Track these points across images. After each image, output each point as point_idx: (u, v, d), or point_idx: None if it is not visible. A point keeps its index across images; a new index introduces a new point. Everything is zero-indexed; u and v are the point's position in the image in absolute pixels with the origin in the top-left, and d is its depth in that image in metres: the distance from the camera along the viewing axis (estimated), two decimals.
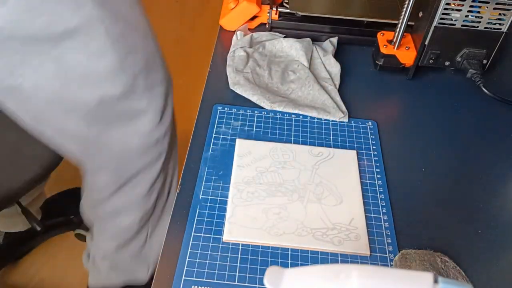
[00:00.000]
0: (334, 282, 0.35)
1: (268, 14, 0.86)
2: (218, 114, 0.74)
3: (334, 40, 0.88)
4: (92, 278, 1.10)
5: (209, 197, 0.62)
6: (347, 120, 0.74)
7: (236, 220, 0.59)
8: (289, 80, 0.80)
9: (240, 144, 0.69)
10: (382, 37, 0.83)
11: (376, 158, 0.69)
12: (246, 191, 0.63)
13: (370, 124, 0.74)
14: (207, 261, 0.55)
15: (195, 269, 0.55)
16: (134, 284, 1.03)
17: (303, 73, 0.80)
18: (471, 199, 0.65)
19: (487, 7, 0.75)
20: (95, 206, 0.94)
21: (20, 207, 1.21)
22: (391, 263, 0.57)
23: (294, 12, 0.86)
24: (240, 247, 0.57)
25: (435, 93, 0.82)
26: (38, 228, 1.20)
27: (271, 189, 0.63)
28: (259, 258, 0.56)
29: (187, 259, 0.55)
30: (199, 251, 0.56)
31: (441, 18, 0.76)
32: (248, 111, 0.75)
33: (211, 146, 0.69)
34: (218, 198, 0.62)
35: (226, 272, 0.55)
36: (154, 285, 0.53)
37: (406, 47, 0.81)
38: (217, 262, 0.55)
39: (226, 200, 0.62)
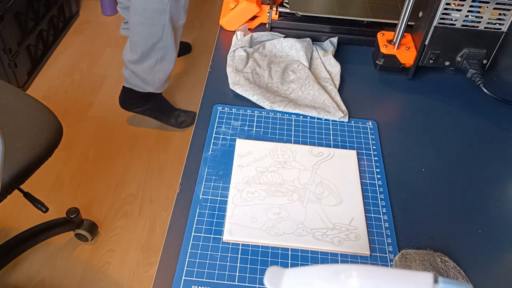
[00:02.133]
0: (334, 282, 0.35)
1: (268, 14, 0.86)
2: (218, 114, 0.74)
3: (334, 40, 0.88)
4: (125, 83, 1.66)
5: (209, 197, 0.62)
6: (347, 120, 0.74)
7: (236, 220, 0.59)
8: (289, 80, 0.80)
9: (240, 144, 0.69)
10: (382, 37, 0.83)
11: (376, 158, 0.69)
12: (246, 191, 0.63)
13: (370, 124, 0.74)
14: (207, 261, 0.55)
15: (195, 269, 0.55)
16: (145, 91, 1.64)
17: (303, 73, 0.80)
18: (471, 199, 0.65)
19: (487, 7, 0.75)
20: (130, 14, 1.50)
21: (22, 192, 1.22)
22: (391, 263, 0.57)
23: (294, 12, 0.86)
24: (240, 247, 0.57)
25: (435, 93, 0.82)
26: (44, 210, 1.22)
27: (271, 189, 0.63)
28: (259, 258, 0.56)
29: (187, 259, 0.55)
30: (199, 251, 0.56)
31: (441, 18, 0.76)
32: (248, 111, 0.75)
33: (211, 146, 0.69)
34: (218, 198, 0.62)
35: (226, 272, 0.55)
36: (154, 285, 0.53)
37: (406, 47, 0.81)
38: (217, 262, 0.55)
39: (226, 200, 0.62)
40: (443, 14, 0.75)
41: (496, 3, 0.74)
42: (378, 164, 0.68)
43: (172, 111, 1.77)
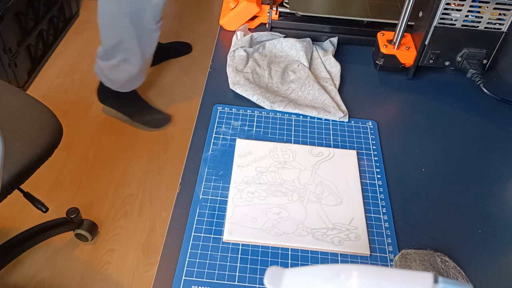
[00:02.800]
0: (334, 282, 0.35)
1: (268, 14, 0.86)
2: (218, 114, 0.74)
3: (334, 40, 0.88)
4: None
5: (209, 197, 0.62)
6: (347, 120, 0.74)
7: (236, 220, 0.59)
8: (289, 80, 0.80)
9: (240, 144, 0.69)
10: (382, 37, 0.83)
11: (376, 158, 0.69)
12: (246, 191, 0.63)
13: (370, 124, 0.74)
14: (207, 261, 0.55)
15: (195, 269, 0.55)
16: (110, 88, 1.66)
17: (303, 73, 0.80)
18: (471, 199, 0.65)
19: (487, 7, 0.75)
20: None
21: (22, 192, 1.22)
22: (391, 263, 0.57)
23: (294, 12, 0.86)
24: (240, 247, 0.57)
25: (435, 93, 0.82)
26: (44, 210, 1.22)
27: (271, 189, 0.63)
28: (259, 258, 0.56)
29: (187, 259, 0.55)
30: (199, 251, 0.56)
31: (441, 18, 0.76)
32: (248, 111, 0.75)
33: (211, 146, 0.69)
34: (218, 198, 0.62)
35: (226, 272, 0.55)
36: (154, 285, 0.53)
37: (406, 47, 0.81)
38: (217, 262, 0.55)
39: (226, 200, 0.62)
40: (443, 14, 0.75)
41: (496, 3, 0.74)
42: (378, 164, 0.68)
43: (144, 111, 1.76)
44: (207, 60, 0.87)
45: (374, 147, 0.71)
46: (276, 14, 0.87)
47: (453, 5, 0.75)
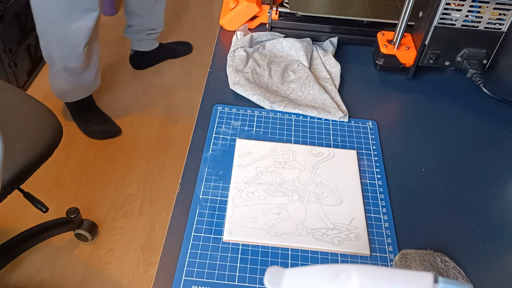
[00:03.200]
0: (334, 282, 0.35)
1: (268, 14, 0.86)
2: (218, 114, 0.74)
3: (334, 40, 0.88)
4: None
5: (209, 197, 0.62)
6: (347, 120, 0.74)
7: (236, 220, 0.59)
8: (289, 80, 0.80)
9: (240, 144, 0.69)
10: (382, 37, 0.83)
11: (376, 158, 0.69)
12: (246, 191, 0.63)
13: (370, 124, 0.74)
14: (207, 261, 0.55)
15: (195, 269, 0.55)
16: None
17: (303, 73, 0.80)
18: (471, 199, 0.65)
19: (487, 7, 0.75)
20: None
21: (22, 192, 1.22)
22: (391, 263, 0.57)
23: (294, 12, 0.86)
24: (240, 247, 0.57)
25: (435, 93, 0.82)
26: (44, 210, 1.22)
27: (271, 189, 0.63)
28: (259, 258, 0.56)
29: (187, 259, 0.55)
30: (199, 251, 0.56)
31: (441, 18, 0.76)
32: (248, 111, 0.75)
33: (211, 146, 0.69)
34: (218, 198, 0.62)
35: (226, 272, 0.55)
36: (154, 285, 0.53)
37: (406, 47, 0.81)
38: (217, 262, 0.55)
39: (226, 200, 0.62)
40: (443, 14, 0.75)
41: (496, 3, 0.74)
42: (378, 164, 0.68)
43: (92, 121, 1.74)
44: (207, 60, 0.87)
45: (374, 147, 0.71)
46: (276, 14, 0.87)
47: (453, 5, 0.75)
